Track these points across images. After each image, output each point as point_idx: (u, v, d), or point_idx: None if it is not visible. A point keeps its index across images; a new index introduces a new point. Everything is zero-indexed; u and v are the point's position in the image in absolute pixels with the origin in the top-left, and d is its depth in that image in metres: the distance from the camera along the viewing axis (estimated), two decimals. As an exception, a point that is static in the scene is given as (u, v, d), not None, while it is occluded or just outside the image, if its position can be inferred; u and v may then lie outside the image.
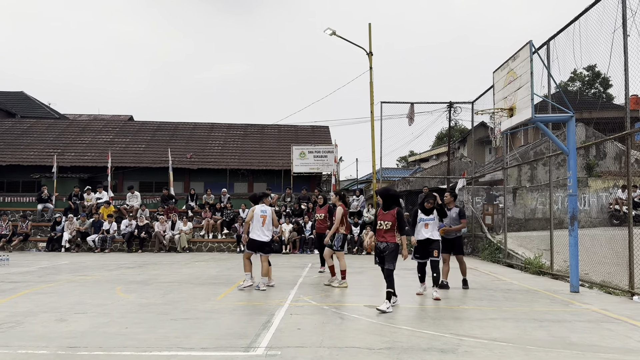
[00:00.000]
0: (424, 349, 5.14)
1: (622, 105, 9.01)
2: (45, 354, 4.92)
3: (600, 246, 11.11)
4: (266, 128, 31.05)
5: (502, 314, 7.14)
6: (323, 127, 31.06)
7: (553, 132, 10.38)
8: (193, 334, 5.74)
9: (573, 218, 9.28)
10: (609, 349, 5.25)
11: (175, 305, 7.57)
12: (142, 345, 5.22)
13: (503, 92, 10.41)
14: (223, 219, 19.70)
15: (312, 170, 23.60)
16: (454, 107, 26.28)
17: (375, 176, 21.40)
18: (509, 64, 10.11)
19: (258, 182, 26.65)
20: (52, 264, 14.00)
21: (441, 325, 6.33)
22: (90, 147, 27.26)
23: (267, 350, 5.05)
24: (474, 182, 19.11)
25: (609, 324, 6.44)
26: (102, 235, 18.57)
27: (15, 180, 26.18)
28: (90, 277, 10.92)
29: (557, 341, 5.53)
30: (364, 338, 5.59)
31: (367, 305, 7.66)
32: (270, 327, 6.05)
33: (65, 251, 18.28)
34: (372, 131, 20.52)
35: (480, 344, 5.36)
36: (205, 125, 31.17)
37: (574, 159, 9.36)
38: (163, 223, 18.57)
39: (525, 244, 14.65)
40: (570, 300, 8.31)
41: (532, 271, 11.93)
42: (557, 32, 10.32)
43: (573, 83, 42.62)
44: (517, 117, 9.62)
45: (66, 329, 5.97)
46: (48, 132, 28.83)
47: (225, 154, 27.52)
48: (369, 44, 20.56)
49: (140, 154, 26.84)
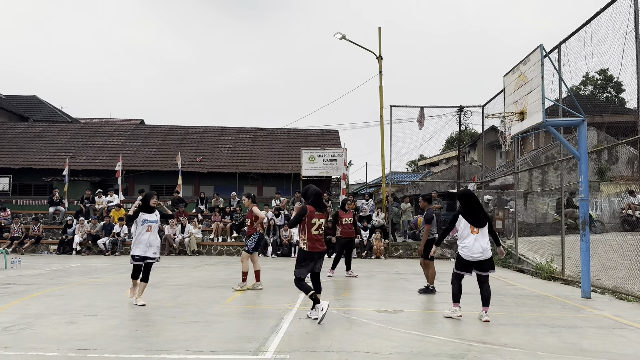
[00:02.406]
0: (434, 354, 5.11)
1: (634, 109, 8.94)
2: (55, 356, 4.96)
3: (612, 251, 11.00)
4: (276, 132, 31.13)
5: (513, 319, 7.08)
6: (332, 131, 31.07)
7: (564, 136, 10.32)
8: (202, 337, 5.75)
9: (584, 223, 9.19)
10: (622, 355, 5.18)
11: (184, 308, 7.60)
12: (152, 348, 5.24)
13: (514, 96, 10.36)
14: (233, 222, 19.75)
15: (322, 174, 23.58)
16: (464, 111, 26.22)
17: (384, 180, 21.36)
18: (520, 68, 10.05)
19: (267, 185, 26.70)
20: (63, 266, 14.11)
21: (451, 330, 6.29)
22: (101, 150, 27.47)
23: (275, 354, 5.05)
24: (484, 186, 19.01)
25: (622, 330, 6.36)
26: (112, 238, 18.69)
27: (27, 184, 26.44)
28: (100, 280, 10.99)
29: (568, 347, 5.48)
30: (372, 343, 5.57)
31: (377, 310, 7.64)
32: (279, 331, 6.05)
33: (76, 254, 18.41)
34: (381, 135, 20.51)
35: (490, 350, 5.32)
36: (215, 129, 31.31)
37: (586, 163, 9.28)
38: (173, 226, 18.65)
39: (537, 249, 14.54)
40: (581, 306, 8.22)
41: (543, 276, 11.83)
42: (568, 35, 10.25)
43: (585, 87, 42.32)
44: (528, 121, 9.56)
45: (76, 331, 6.01)
46: (60, 136, 29.10)
47: (235, 157, 27.62)
48: (378, 48, 20.57)
49: (150, 158, 27.00)
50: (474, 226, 6.93)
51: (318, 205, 6.86)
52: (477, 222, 6.95)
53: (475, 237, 6.89)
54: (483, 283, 7.02)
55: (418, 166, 58.01)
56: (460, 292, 7.07)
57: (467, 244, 6.91)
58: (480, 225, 6.94)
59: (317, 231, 6.78)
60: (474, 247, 6.87)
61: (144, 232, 7.86)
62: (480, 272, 6.99)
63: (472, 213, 7.02)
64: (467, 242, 6.91)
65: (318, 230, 6.79)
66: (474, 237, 6.90)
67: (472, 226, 6.93)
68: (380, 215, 19.22)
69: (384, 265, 15.22)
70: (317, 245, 6.77)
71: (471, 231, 6.92)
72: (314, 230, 6.75)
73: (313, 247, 6.74)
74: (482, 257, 6.88)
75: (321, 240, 6.84)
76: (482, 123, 18.79)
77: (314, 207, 6.82)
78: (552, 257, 12.38)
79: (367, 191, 31.35)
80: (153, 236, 7.94)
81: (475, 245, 6.87)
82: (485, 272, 6.99)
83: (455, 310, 6.98)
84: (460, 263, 7.05)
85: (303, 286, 6.75)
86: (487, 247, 6.93)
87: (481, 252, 6.86)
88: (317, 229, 6.78)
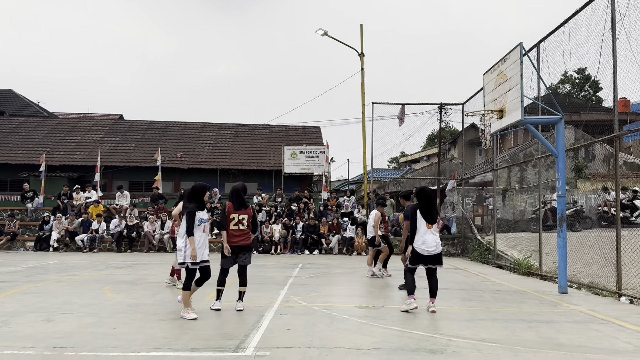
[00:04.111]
0: (413, 350, 5.15)
1: (611, 107, 9.09)
2: (31, 355, 4.87)
3: (588, 248, 11.19)
4: (257, 128, 31.00)
5: (491, 314, 7.17)
6: (314, 128, 31.06)
7: (542, 134, 10.46)
8: (182, 335, 5.70)
9: (562, 219, 9.34)
10: (597, 349, 5.29)
11: (164, 306, 7.53)
12: (130, 346, 5.18)
13: (493, 94, 10.46)
14: (214, 219, 19.62)
15: (303, 170, 23.57)
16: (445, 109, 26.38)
17: (366, 177, 21.43)
18: (499, 66, 10.16)
19: (249, 182, 26.55)
20: (40, 263, 13.87)
21: (431, 326, 6.34)
22: (79, 146, 27.06)
23: (256, 351, 5.04)
24: (464, 183, 19.20)
25: (597, 325, 6.48)
26: (91, 234, 18.43)
27: (3, 179, 25.93)
28: (78, 277, 10.83)
29: (545, 342, 5.56)
30: (353, 338, 5.59)
31: (358, 306, 7.67)
32: (259, 328, 6.03)
33: (54, 251, 18.11)
34: (363, 132, 20.56)
35: (469, 345, 5.37)
36: (196, 125, 31.06)
37: (563, 160, 9.42)
38: (153, 223, 18.46)
39: (515, 245, 14.73)
40: (558, 301, 8.36)
41: (521, 272, 12.00)
42: (547, 34, 10.38)
43: (563, 85, 42.91)
44: (507, 119, 9.67)
45: (53, 329, 5.91)
46: (37, 131, 28.58)
47: (216, 153, 27.44)
48: (360, 45, 20.61)
49: (130, 153, 26.69)
50: (429, 222, 7.27)
51: (238, 202, 7.17)
52: (431, 218, 7.29)
53: (430, 232, 7.25)
54: (432, 276, 7.37)
55: (399, 163, 58.32)
56: (414, 284, 7.33)
57: (424, 239, 7.23)
58: (433, 221, 7.30)
59: (235, 226, 7.13)
60: (429, 242, 7.21)
61: (200, 233, 6.81)
62: (432, 265, 7.31)
63: (428, 210, 7.35)
64: (423, 238, 7.24)
65: (237, 226, 7.13)
66: (429, 232, 7.25)
67: (427, 222, 7.26)
68: (362, 212, 19.29)
69: (365, 262, 15.25)
70: (235, 240, 7.12)
71: (426, 227, 7.26)
72: (232, 225, 7.11)
73: (230, 242, 7.12)
74: (436, 251, 7.23)
75: (241, 236, 7.15)
76: (462, 121, 18.98)
77: (232, 203, 7.17)
78: (529, 253, 12.56)
79: (349, 188, 31.41)
80: (205, 237, 6.96)
81: (430, 240, 7.22)
82: (435, 265, 7.31)
83: (410, 303, 7.18)
84: (415, 257, 7.34)
85: (219, 277, 7.22)
86: (439, 242, 7.31)
87: (435, 246, 7.21)
88: (235, 224, 7.12)
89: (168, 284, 9.58)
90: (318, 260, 15.37)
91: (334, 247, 18.10)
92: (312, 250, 17.92)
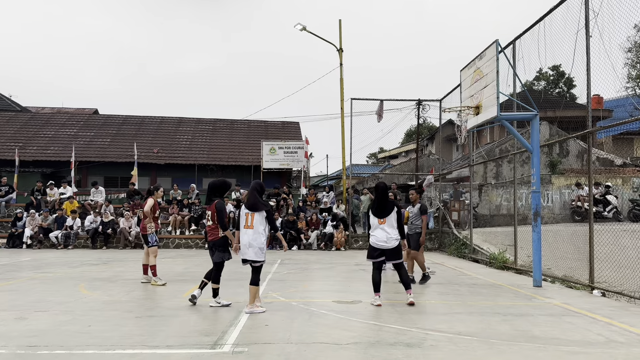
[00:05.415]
0: (391, 344, 5.19)
1: (584, 104, 9.25)
2: (3, 354, 4.77)
3: (562, 242, 11.41)
4: (235, 123, 30.77)
5: (467, 308, 7.26)
6: (293, 123, 30.96)
7: (518, 130, 10.60)
8: (158, 332, 5.65)
9: (536, 214, 9.50)
10: (570, 341, 5.39)
11: (140, 303, 7.45)
12: (106, 344, 5.11)
13: (470, 91, 10.56)
14: (191, 215, 19.47)
15: (282, 166, 23.51)
16: (423, 105, 26.62)
17: (345, 172, 21.48)
18: (476, 63, 10.25)
19: (227, 177, 26.28)
20: (13, 260, 13.58)
21: (408, 319, 6.39)
22: (53, 141, 26.50)
23: (234, 347, 5.01)
24: (441, 178, 19.38)
25: (570, 318, 6.62)
26: (65, 231, 18.10)
27: (-27, 175, 25.26)
28: (52, 274, 10.63)
29: (520, 334, 5.66)
30: (331, 333, 5.60)
31: (336, 301, 7.69)
32: (237, 324, 6.01)
33: (27, 248, 17.74)
34: (342, 128, 20.59)
35: (445, 338, 5.43)
36: (172, 120, 30.68)
37: (538, 156, 9.58)
38: (128, 219, 18.21)
39: (490, 239, 14.94)
40: (533, 294, 8.51)
41: (497, 266, 12.18)
42: (523, 31, 10.51)
43: (538, 82, 43.57)
44: (483, 115, 9.77)
45: (26, 327, 5.80)
46: (9, 125, 27.90)
47: (194, 149, 27.16)
48: (339, 40, 20.61)
49: (105, 149, 26.24)
50: (377, 217, 7.43)
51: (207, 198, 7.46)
52: (379, 213, 7.43)
53: (381, 227, 7.39)
54: (399, 269, 7.55)
55: (378, 159, 58.56)
56: (380, 281, 7.44)
57: (374, 233, 7.45)
58: (381, 216, 7.40)
59: (208, 222, 7.35)
60: (379, 236, 7.37)
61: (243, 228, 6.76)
62: (390, 261, 7.46)
63: (378, 204, 7.52)
64: (374, 232, 7.46)
65: (209, 222, 7.33)
66: (380, 227, 7.40)
67: (377, 218, 7.43)
68: (341, 208, 19.34)
69: (344, 257, 15.33)
70: (208, 237, 7.38)
71: (378, 222, 7.42)
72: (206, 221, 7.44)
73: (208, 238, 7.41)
74: (387, 245, 7.32)
75: (210, 232, 7.32)
76: (440, 117, 19.15)
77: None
78: (505, 247, 12.75)
79: (328, 183, 31.45)
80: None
81: (380, 234, 7.37)
82: (393, 261, 7.44)
83: (375, 299, 7.33)
84: (369, 250, 7.55)
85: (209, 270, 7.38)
86: (392, 237, 7.35)
87: (385, 240, 7.32)
88: (207, 220, 7.40)
89: (144, 282, 9.48)
90: (297, 256, 15.37)
91: (313, 243, 18.12)
92: (291, 246, 17.91)
